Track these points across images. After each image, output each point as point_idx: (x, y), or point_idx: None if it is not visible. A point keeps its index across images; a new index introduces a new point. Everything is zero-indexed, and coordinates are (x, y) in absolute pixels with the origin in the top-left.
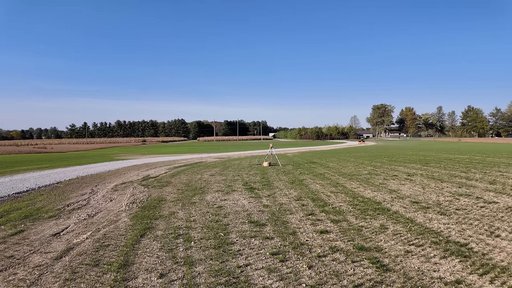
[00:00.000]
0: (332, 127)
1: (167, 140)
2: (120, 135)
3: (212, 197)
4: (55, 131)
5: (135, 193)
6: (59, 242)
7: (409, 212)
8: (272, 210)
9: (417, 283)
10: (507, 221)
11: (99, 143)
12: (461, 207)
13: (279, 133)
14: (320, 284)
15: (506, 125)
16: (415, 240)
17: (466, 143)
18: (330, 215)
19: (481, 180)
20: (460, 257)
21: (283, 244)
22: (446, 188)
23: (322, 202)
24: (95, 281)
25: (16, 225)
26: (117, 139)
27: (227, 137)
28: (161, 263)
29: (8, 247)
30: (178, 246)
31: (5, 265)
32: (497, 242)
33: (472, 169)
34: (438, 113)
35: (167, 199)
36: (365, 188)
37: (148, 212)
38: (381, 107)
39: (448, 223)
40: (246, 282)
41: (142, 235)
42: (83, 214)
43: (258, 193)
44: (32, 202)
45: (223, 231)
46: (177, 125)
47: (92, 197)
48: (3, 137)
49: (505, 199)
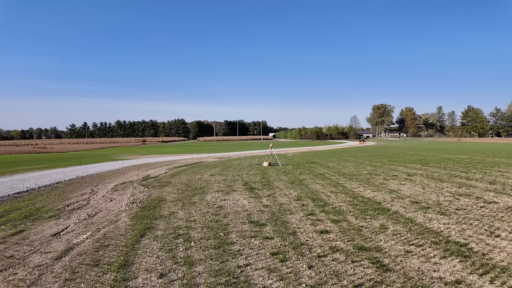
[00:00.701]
0: (332, 127)
1: (167, 140)
2: (120, 135)
3: (212, 197)
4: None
5: (135, 193)
6: (59, 242)
7: (409, 212)
8: (272, 210)
9: (417, 283)
10: (507, 221)
11: (99, 143)
12: (461, 207)
13: (279, 133)
14: (320, 284)
15: (506, 125)
16: (415, 240)
17: (466, 143)
18: (330, 215)
19: (481, 180)
20: (460, 257)
21: (283, 244)
22: (446, 188)
23: (322, 202)
24: (95, 281)
25: (16, 225)
26: (117, 139)
27: (227, 137)
28: (161, 263)
29: (8, 247)
30: (178, 246)
31: (5, 265)
32: (497, 242)
33: (472, 169)
34: (438, 113)
35: (167, 199)
36: (365, 188)
37: (148, 212)
38: (381, 107)
39: (448, 223)
40: (246, 282)
41: (142, 235)
42: (83, 214)
43: (258, 193)
44: (32, 202)
45: (223, 231)
46: (177, 125)
47: (92, 197)
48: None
49: (505, 199)
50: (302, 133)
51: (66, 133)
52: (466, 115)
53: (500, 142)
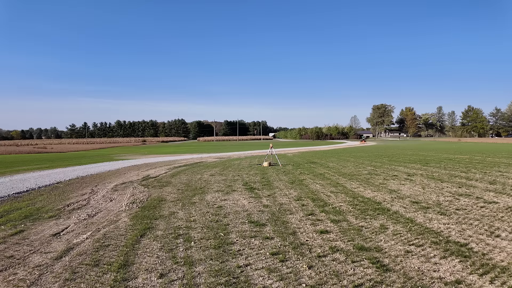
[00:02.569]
0: (332, 127)
1: (167, 140)
2: (120, 135)
3: (212, 197)
4: (55, 131)
5: (135, 193)
6: (59, 242)
7: (409, 212)
8: (272, 210)
9: (417, 283)
10: (507, 221)
11: (99, 143)
12: (461, 207)
13: (279, 133)
14: (320, 284)
15: (506, 125)
16: (415, 240)
17: (466, 143)
18: (330, 215)
19: (481, 180)
20: (460, 257)
21: (283, 244)
22: (446, 188)
23: (322, 202)
24: (95, 281)
25: (16, 225)
26: (117, 139)
27: (227, 137)
28: (161, 263)
29: (8, 247)
30: (178, 246)
31: (5, 265)
32: (497, 242)
33: (472, 169)
34: (438, 113)
35: (167, 199)
36: (365, 188)
37: (148, 212)
38: (381, 107)
39: (448, 223)
40: (246, 282)
41: (142, 235)
42: (83, 214)
43: (258, 193)
44: (32, 202)
45: (223, 231)
46: (177, 125)
47: (92, 197)
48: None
49: (505, 199)
50: (302, 133)
51: (66, 133)
52: (466, 115)
53: (500, 142)
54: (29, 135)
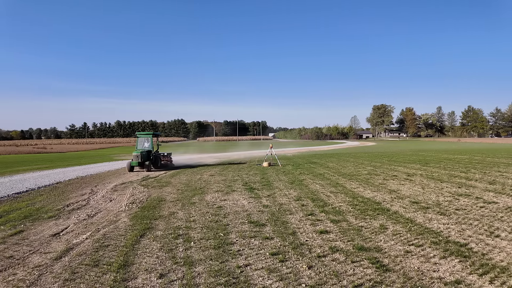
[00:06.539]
0: (332, 127)
1: (167, 140)
2: (120, 135)
3: (212, 197)
4: (54, 131)
5: (134, 193)
6: (58, 242)
7: (408, 212)
8: (272, 210)
9: (417, 283)
10: (506, 221)
11: (99, 143)
12: (460, 207)
13: (279, 133)
14: (320, 284)
15: (506, 125)
16: (415, 240)
17: (466, 143)
18: (330, 215)
19: (481, 180)
20: (460, 257)
21: (283, 244)
22: (445, 188)
23: (322, 202)
24: (95, 281)
25: (15, 225)
26: (117, 139)
27: (227, 137)
28: (161, 263)
29: (8, 247)
30: (178, 246)
31: (5, 265)
32: (496, 242)
33: (471, 169)
34: (438, 113)
35: (166, 199)
36: (365, 188)
37: (148, 212)
38: (381, 107)
39: (448, 223)
40: (246, 282)
41: (142, 235)
42: (83, 214)
43: (258, 193)
44: (31, 202)
45: (223, 231)
46: (177, 125)
47: (92, 197)
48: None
49: (505, 199)
50: (302, 133)
51: (65, 133)
52: (466, 115)
53: (499, 142)
54: (28, 135)
